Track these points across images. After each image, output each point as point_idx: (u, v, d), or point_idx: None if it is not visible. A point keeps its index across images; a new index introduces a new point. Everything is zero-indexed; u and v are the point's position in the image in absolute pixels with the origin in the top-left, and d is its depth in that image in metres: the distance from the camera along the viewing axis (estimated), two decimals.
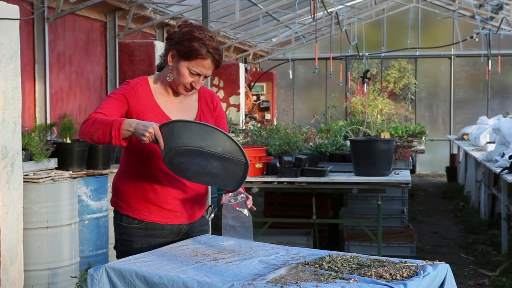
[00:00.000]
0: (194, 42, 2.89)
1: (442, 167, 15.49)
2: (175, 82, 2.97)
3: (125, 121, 2.74)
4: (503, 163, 7.29)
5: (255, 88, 15.22)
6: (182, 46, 2.91)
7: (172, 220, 3.01)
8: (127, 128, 2.73)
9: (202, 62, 2.91)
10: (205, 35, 2.91)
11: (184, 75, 2.94)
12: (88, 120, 2.78)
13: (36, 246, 5.24)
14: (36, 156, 5.58)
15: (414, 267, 2.56)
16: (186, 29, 2.95)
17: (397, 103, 15.01)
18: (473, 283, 6.26)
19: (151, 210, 2.99)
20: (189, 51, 2.90)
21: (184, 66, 2.93)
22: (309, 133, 8.08)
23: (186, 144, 2.72)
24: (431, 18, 15.77)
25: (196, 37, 2.90)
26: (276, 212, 7.70)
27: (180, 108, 3.04)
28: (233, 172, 2.80)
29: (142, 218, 2.99)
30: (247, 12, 11.48)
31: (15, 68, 4.72)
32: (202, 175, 2.81)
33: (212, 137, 2.73)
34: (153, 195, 2.98)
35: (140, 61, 8.56)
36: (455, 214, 10.31)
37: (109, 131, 2.72)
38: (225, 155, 2.74)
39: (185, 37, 2.91)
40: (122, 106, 2.92)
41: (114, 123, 2.73)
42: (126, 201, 3.01)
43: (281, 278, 2.45)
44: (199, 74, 2.94)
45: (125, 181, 3.02)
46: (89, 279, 2.66)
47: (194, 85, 2.97)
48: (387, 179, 6.21)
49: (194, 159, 2.75)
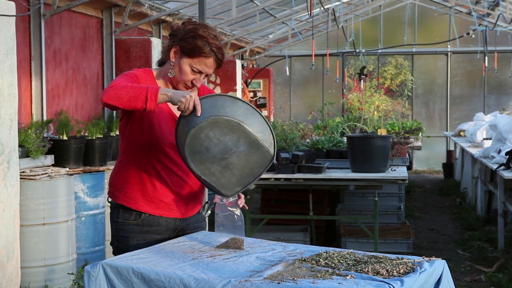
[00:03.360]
0: (197, 40, 2.90)
1: (438, 163, 15.52)
2: (176, 78, 2.97)
3: (161, 88, 2.71)
4: (499, 159, 7.30)
5: (252, 85, 15.21)
6: (185, 43, 2.91)
7: (167, 213, 3.01)
8: (164, 93, 2.69)
9: (204, 60, 2.92)
10: (209, 34, 2.92)
11: (186, 72, 2.94)
12: (114, 86, 2.71)
13: (33, 243, 5.23)
14: (32, 153, 5.58)
15: (410, 263, 2.56)
16: (190, 26, 2.95)
17: (394, 100, 15.00)
18: (470, 279, 6.27)
19: (147, 201, 3.00)
20: (192, 49, 2.90)
21: (186, 63, 2.93)
22: (306, 130, 8.08)
23: (229, 115, 2.63)
24: (428, 14, 15.78)
25: (200, 35, 2.90)
26: (273, 209, 7.70)
27: None
28: (251, 167, 2.72)
29: (137, 209, 2.99)
30: (243, 8, 11.47)
31: (11, 64, 4.71)
32: (216, 161, 2.68)
33: (254, 119, 2.66)
34: (150, 187, 2.98)
35: (136, 58, 8.54)
36: (451, 211, 10.33)
37: (144, 93, 2.66)
38: (259, 140, 2.66)
39: (189, 34, 2.92)
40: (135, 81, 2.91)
41: (149, 87, 2.69)
42: (123, 191, 3.01)
43: (278, 274, 2.45)
44: (200, 72, 2.95)
45: (122, 171, 3.03)
46: (86, 276, 2.66)
47: (195, 83, 2.97)
48: (384, 175, 6.22)
49: (226, 136, 2.64)
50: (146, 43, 8.55)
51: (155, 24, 9.95)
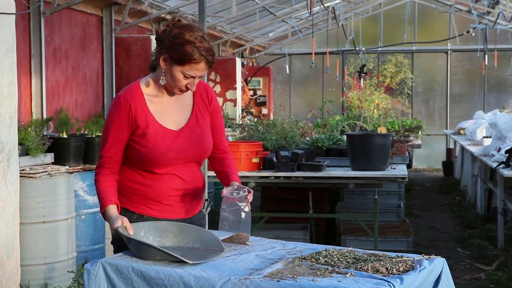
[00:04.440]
0: (186, 47, 2.84)
1: (438, 161, 15.51)
2: (170, 85, 2.94)
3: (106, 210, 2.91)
4: (499, 157, 7.30)
5: (252, 83, 15.20)
6: (174, 51, 2.86)
7: (171, 215, 3.01)
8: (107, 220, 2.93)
9: (196, 65, 2.88)
10: (196, 37, 2.86)
11: (179, 79, 2.91)
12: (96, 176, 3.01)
13: (32, 241, 5.23)
14: (32, 151, 5.57)
15: (410, 261, 2.57)
16: (175, 31, 2.88)
17: (394, 98, 14.98)
18: (469, 277, 6.28)
19: (151, 205, 3.00)
20: (182, 57, 2.86)
21: (177, 71, 2.89)
22: (305, 128, 8.09)
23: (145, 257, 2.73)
24: (428, 12, 15.77)
25: (187, 40, 2.85)
26: (273, 207, 7.70)
27: (176, 107, 3.03)
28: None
29: (141, 213, 3.00)
30: (243, 6, 11.46)
31: (11, 62, 4.71)
32: None
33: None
34: (152, 191, 2.98)
35: (136, 56, 8.54)
36: (451, 209, 10.33)
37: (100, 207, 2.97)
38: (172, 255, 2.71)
39: (176, 41, 2.86)
40: (123, 137, 2.95)
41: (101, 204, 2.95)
42: (126, 195, 3.01)
43: (277, 272, 2.45)
44: (193, 76, 2.93)
45: (123, 175, 3.02)
46: (85, 274, 2.66)
47: (189, 87, 2.95)
48: (384, 173, 6.22)
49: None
50: (146, 41, 8.54)
51: (155, 22, 9.94)
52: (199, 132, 3.03)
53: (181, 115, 3.03)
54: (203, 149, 3.04)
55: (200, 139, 3.02)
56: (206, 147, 3.05)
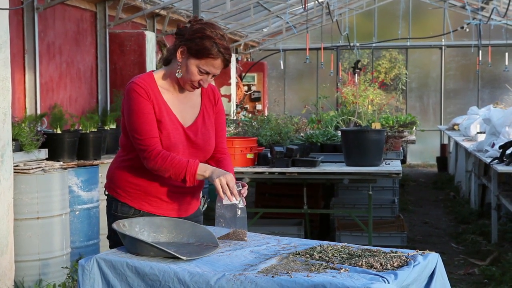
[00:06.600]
0: (205, 41, 2.86)
1: (432, 157, 15.54)
2: (184, 78, 2.94)
3: (200, 166, 2.85)
4: (493, 153, 7.32)
5: (246, 79, 15.20)
6: (193, 43, 2.88)
7: (170, 213, 3.01)
8: (202, 173, 2.86)
9: (212, 61, 2.89)
10: (216, 34, 2.88)
11: (193, 73, 2.91)
12: (152, 156, 2.85)
13: (27, 237, 5.22)
14: (26, 146, 5.56)
15: (404, 256, 2.57)
16: (197, 26, 2.91)
17: (388, 94, 15.02)
18: (463, 272, 6.30)
19: (151, 201, 2.99)
20: (200, 50, 2.87)
21: (193, 64, 2.90)
22: (300, 124, 8.08)
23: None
24: (422, 8, 15.78)
25: (207, 35, 2.87)
26: (267, 203, 7.71)
27: (185, 104, 3.03)
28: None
29: (140, 208, 2.99)
30: (237, 2, 11.44)
31: (4, 58, 4.69)
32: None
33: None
34: (153, 187, 2.98)
35: (130, 51, 8.52)
36: (445, 204, 10.35)
37: (183, 175, 2.85)
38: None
39: (196, 34, 2.88)
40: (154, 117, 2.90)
41: (188, 167, 2.85)
42: (125, 190, 3.00)
43: (272, 268, 2.46)
44: (208, 72, 2.92)
45: (125, 170, 3.01)
46: (80, 270, 2.66)
47: (202, 83, 2.94)
48: (378, 169, 6.23)
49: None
50: (140, 36, 8.53)
51: (149, 18, 9.92)
52: (205, 131, 3.03)
53: (189, 112, 3.03)
54: (207, 149, 3.05)
55: (205, 138, 3.03)
56: (210, 147, 3.07)
